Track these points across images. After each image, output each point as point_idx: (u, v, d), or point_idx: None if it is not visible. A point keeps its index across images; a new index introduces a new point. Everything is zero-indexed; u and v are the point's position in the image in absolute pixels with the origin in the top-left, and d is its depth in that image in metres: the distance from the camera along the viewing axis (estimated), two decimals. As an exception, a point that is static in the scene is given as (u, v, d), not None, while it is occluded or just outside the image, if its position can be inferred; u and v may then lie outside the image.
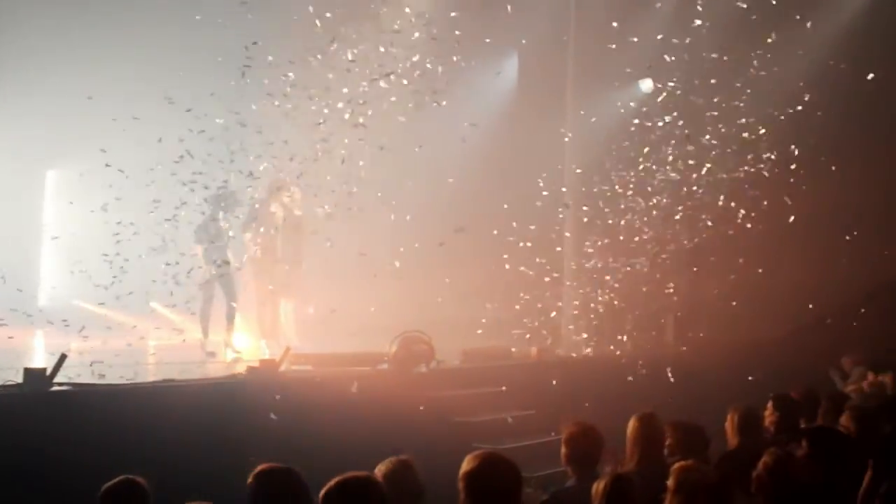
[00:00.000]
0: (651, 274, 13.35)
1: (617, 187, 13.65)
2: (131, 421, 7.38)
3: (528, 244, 12.03)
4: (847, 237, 12.66)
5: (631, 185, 13.62)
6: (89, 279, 14.12)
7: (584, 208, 13.76)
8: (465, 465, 4.60)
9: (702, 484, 4.71)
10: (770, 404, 6.87)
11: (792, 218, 12.47)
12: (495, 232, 12.81)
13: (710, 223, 13.29)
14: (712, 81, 13.82)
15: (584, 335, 13.58)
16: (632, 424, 5.92)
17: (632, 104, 14.85)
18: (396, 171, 12.54)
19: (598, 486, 4.71)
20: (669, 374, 11.70)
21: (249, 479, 4.68)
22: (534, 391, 10.57)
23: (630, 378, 11.25)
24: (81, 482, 5.62)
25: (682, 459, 5.13)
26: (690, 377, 11.71)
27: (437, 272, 11.90)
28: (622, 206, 13.41)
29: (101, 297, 14.07)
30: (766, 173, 12.82)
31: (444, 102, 12.31)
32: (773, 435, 6.57)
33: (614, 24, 13.68)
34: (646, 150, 13.52)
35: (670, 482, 4.78)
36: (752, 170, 13.05)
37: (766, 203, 12.91)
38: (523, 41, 15.32)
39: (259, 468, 4.71)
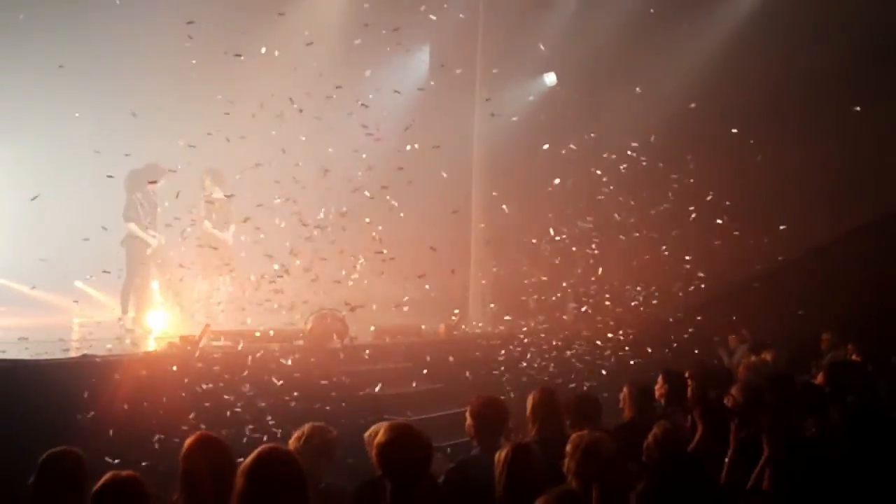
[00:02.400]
0: (551, 258, 13.49)
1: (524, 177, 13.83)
2: (57, 395, 7.24)
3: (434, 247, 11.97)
4: (722, 223, 12.87)
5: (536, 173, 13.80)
6: (16, 256, 13.96)
7: (494, 193, 13.83)
8: (379, 436, 4.67)
9: (595, 447, 4.81)
10: (660, 378, 7.01)
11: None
12: (402, 215, 12.77)
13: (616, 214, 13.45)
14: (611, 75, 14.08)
15: (488, 314, 13.67)
16: (532, 397, 6.00)
17: (531, 98, 15.09)
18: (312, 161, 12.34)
19: (500, 455, 4.76)
20: (570, 354, 11.81)
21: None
22: (442, 366, 10.59)
23: (523, 357, 11.37)
24: (8, 458, 5.54)
25: (580, 430, 5.24)
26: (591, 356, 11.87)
27: (351, 253, 11.78)
28: (527, 193, 13.50)
29: (25, 274, 13.91)
30: (661, 164, 12.98)
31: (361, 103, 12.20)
32: (665, 407, 6.72)
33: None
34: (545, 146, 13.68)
35: (568, 447, 4.87)
36: (646, 161, 13.24)
37: (644, 194, 13.17)
38: (434, 34, 15.33)
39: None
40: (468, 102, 14.38)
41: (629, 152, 13.29)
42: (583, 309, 13.45)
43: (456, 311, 12.84)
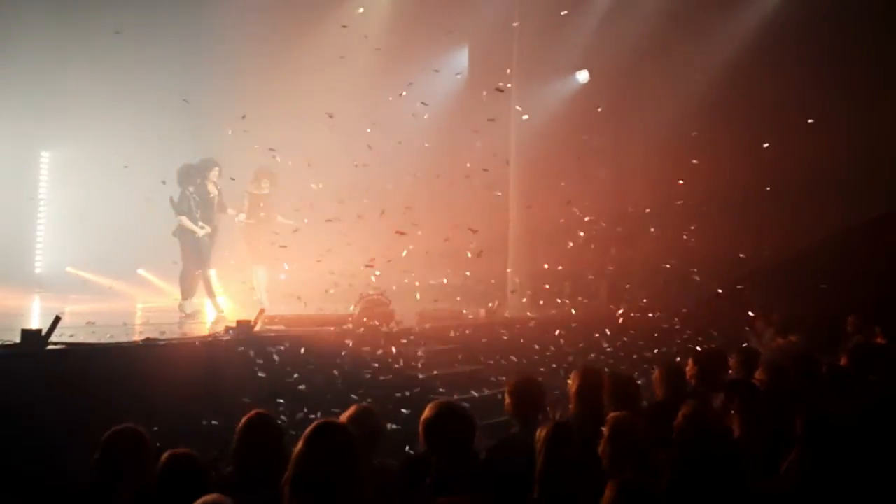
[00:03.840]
0: (586, 245, 13.40)
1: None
2: (121, 376, 7.30)
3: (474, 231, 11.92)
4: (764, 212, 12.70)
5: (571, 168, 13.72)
6: (84, 249, 14.20)
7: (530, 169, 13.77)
8: (425, 413, 4.68)
9: (630, 432, 4.76)
10: (690, 360, 6.92)
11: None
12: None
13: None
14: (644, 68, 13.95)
15: (525, 300, 13.63)
16: (573, 377, 5.93)
17: (568, 94, 14.97)
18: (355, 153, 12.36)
19: (540, 433, 4.72)
20: (607, 334, 11.70)
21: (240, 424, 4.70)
22: (483, 348, 10.58)
23: (559, 336, 11.31)
24: (76, 437, 5.58)
25: (617, 410, 5.18)
26: (623, 337, 11.74)
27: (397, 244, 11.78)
28: (563, 184, 13.40)
29: (93, 264, 14.15)
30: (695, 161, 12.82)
31: (404, 93, 12.21)
32: (695, 387, 6.63)
33: (563, 13, 13.61)
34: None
35: (605, 429, 4.82)
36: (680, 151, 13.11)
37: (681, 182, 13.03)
38: (472, 33, 15.26)
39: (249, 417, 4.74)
40: (505, 99, 14.30)
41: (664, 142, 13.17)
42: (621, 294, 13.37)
43: (493, 303, 12.78)
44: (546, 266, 13.15)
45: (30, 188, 15.47)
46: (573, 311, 12.69)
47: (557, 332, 11.20)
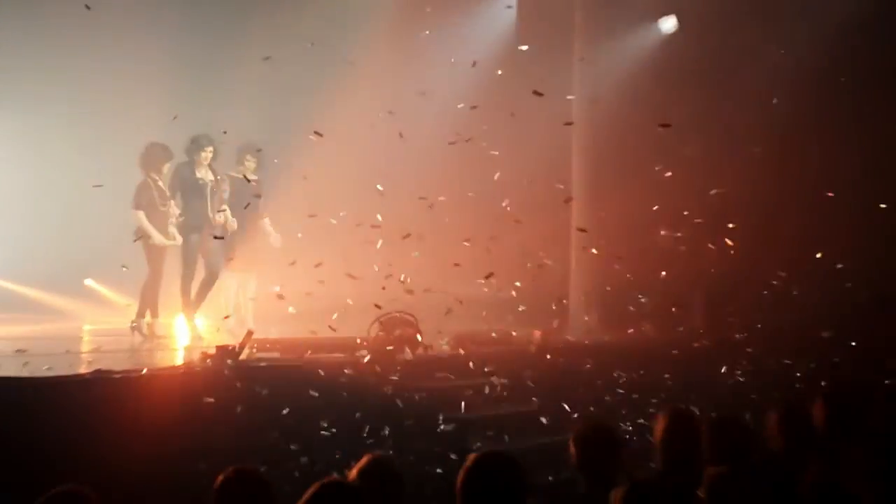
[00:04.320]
0: (675, 247, 13.31)
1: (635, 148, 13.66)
2: (62, 420, 7.34)
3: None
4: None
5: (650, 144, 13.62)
6: (9, 251, 14.28)
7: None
8: (463, 469, 4.70)
9: (735, 494, 4.72)
10: (820, 401, 6.78)
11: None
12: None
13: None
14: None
15: (595, 318, 13.54)
16: (660, 422, 5.88)
17: (648, 47, 14.88)
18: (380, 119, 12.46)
19: (615, 496, 4.69)
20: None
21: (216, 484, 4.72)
22: (538, 382, 10.53)
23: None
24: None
25: (717, 465, 5.13)
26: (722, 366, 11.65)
27: (423, 243, 11.79)
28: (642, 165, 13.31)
29: (23, 272, 14.23)
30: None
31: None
32: (825, 437, 6.51)
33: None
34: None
35: (701, 492, 4.79)
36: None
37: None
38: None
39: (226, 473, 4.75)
40: (564, 60, 14.29)
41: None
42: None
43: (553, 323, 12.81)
44: (629, 276, 13.08)
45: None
46: (656, 335, 12.60)
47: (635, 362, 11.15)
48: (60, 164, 14.25)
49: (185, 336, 11.96)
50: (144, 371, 8.35)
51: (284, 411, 8.40)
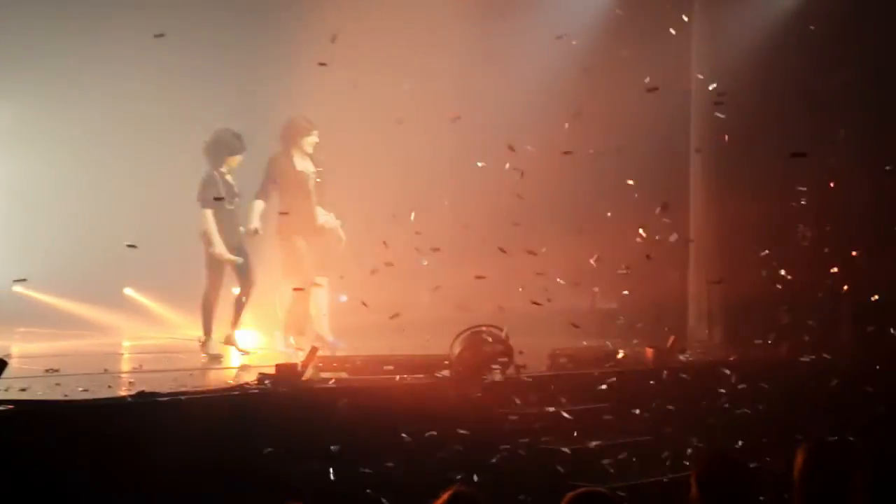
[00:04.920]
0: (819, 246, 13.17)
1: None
2: (98, 449, 7.36)
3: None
4: None
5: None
6: (38, 258, 14.49)
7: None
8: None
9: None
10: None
11: None
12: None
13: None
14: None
15: (719, 333, 13.42)
16: (799, 456, 5.80)
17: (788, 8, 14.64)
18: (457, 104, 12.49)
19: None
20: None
21: None
22: (650, 409, 10.45)
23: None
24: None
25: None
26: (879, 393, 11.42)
27: (516, 247, 11.77)
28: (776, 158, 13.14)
29: (56, 282, 14.44)
30: None
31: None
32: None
33: None
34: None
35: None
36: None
37: None
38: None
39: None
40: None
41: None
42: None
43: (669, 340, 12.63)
44: (759, 286, 12.93)
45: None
46: (794, 354, 12.41)
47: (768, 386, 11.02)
48: (93, 163, 14.43)
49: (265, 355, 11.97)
50: (193, 393, 8.41)
51: (351, 438, 8.43)
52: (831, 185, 12.87)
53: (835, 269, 12.80)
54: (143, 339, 13.89)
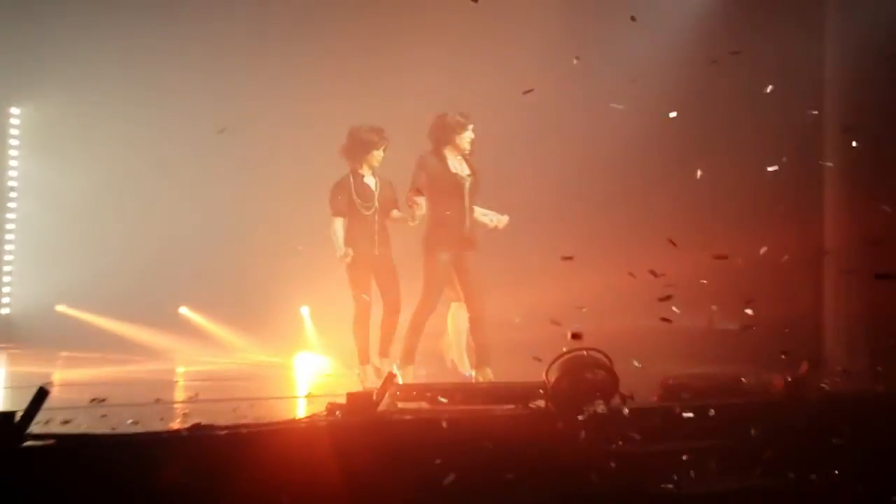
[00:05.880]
0: None
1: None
2: (149, 489, 7.52)
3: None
4: None
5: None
6: (81, 274, 14.77)
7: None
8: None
9: None
10: None
11: None
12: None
13: None
14: None
15: (863, 361, 13.39)
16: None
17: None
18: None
19: None
20: None
21: None
22: (782, 448, 10.28)
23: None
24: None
25: None
26: None
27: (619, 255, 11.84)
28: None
29: (103, 301, 14.69)
30: None
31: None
32: None
33: None
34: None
35: None
36: None
37: None
38: None
39: None
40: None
41: None
42: None
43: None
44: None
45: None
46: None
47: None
48: (142, 168, 14.80)
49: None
50: (255, 426, 8.55)
51: (427, 475, 8.50)
52: None
53: None
54: (199, 364, 13.98)
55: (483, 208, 12.52)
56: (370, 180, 12.35)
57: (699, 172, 12.53)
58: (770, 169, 12.28)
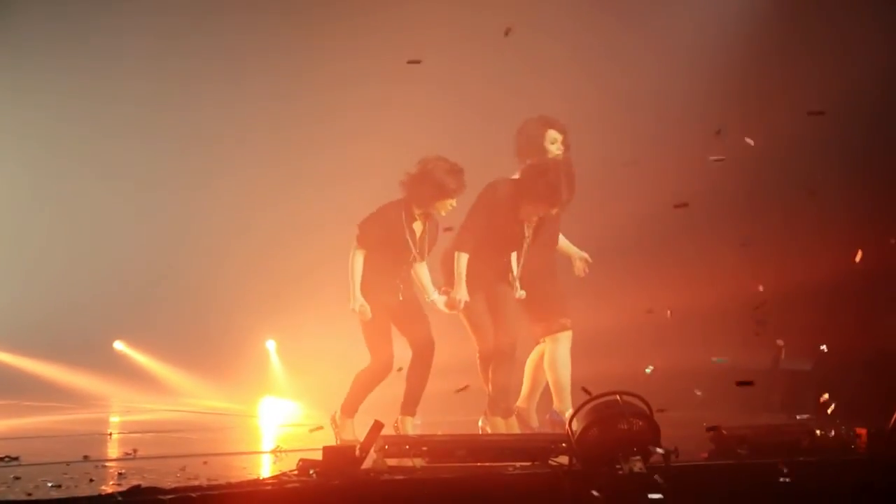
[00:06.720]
0: None
1: None
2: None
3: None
4: None
5: None
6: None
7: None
8: None
9: None
10: None
11: None
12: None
13: None
14: None
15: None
16: None
17: None
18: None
19: None
20: None
21: None
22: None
23: None
24: None
25: None
26: None
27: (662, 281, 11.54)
28: None
29: (20, 336, 14.36)
30: None
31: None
32: None
33: None
34: None
35: None
36: None
37: None
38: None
39: None
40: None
41: None
42: None
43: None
44: None
45: None
46: None
47: None
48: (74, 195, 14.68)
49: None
50: (208, 489, 8.07)
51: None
52: None
53: None
54: (138, 412, 13.84)
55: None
56: (418, 226, 11.83)
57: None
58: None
